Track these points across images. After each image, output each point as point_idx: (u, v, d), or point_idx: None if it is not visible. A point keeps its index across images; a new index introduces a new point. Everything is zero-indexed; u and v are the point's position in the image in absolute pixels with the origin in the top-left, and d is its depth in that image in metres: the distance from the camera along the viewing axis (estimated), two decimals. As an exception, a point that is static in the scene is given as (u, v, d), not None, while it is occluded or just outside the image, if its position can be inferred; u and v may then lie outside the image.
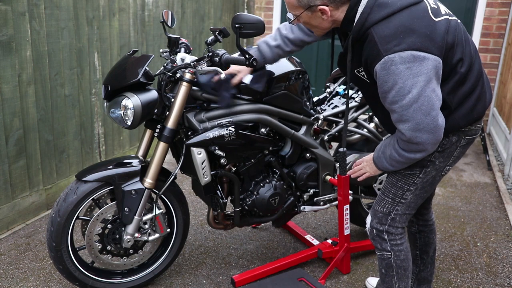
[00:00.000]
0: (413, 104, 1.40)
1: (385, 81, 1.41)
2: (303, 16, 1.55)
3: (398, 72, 1.37)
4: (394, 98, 1.43)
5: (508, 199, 3.33)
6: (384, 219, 1.73)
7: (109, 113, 1.95)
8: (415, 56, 1.36)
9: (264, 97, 2.13)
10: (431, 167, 1.65)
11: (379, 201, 1.75)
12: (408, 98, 1.40)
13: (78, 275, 2.00)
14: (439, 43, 1.41)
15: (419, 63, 1.37)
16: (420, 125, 1.43)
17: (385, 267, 1.78)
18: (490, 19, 4.97)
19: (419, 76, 1.37)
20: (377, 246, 1.78)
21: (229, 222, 2.29)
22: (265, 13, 5.87)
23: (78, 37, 3.04)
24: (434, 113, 1.43)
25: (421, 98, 1.39)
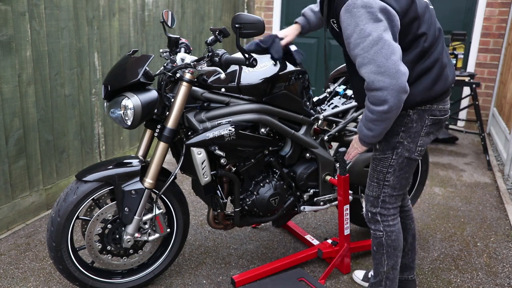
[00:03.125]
0: (374, 46, 1.50)
1: (348, 24, 1.54)
2: None
3: (359, 15, 1.50)
4: (356, 41, 1.53)
5: (508, 199, 3.33)
6: (375, 202, 1.89)
7: (109, 113, 1.95)
8: (379, 5, 1.49)
9: (264, 97, 2.13)
10: (401, 147, 1.78)
11: (368, 187, 1.91)
12: (368, 40, 1.50)
13: (78, 275, 2.00)
14: (402, 4, 1.54)
15: (382, 12, 1.49)
16: (382, 68, 1.51)
17: (376, 245, 1.94)
18: (490, 19, 4.97)
19: (378, 22, 1.49)
20: (371, 227, 1.94)
21: (229, 222, 2.29)
22: (265, 13, 5.87)
23: (78, 37, 3.04)
24: (394, 58, 1.51)
25: (380, 41, 1.50)
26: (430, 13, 1.69)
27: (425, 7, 1.66)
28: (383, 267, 1.95)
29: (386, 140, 1.80)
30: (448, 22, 5.13)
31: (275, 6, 5.82)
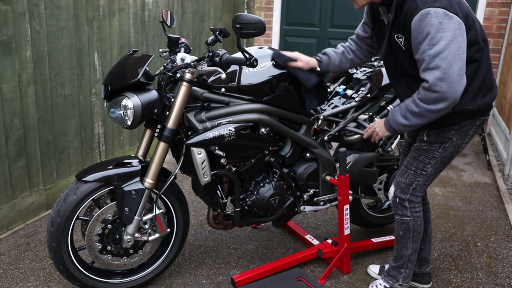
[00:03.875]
0: (440, 54, 1.60)
1: (420, 32, 1.63)
2: None
3: (431, 24, 1.59)
4: (424, 47, 1.63)
5: (508, 199, 3.33)
6: (406, 189, 1.98)
7: (109, 113, 1.95)
8: (446, 13, 1.59)
9: (264, 97, 2.13)
10: (449, 143, 1.88)
11: (402, 173, 2.00)
12: (436, 48, 1.60)
13: (78, 275, 2.00)
14: (463, 12, 1.66)
15: (448, 20, 1.59)
16: (444, 75, 1.61)
17: (403, 230, 2.04)
18: (490, 19, 4.97)
19: (447, 31, 1.59)
20: (398, 212, 2.03)
21: (229, 222, 2.29)
22: (265, 13, 5.87)
23: (78, 37, 3.04)
24: (456, 67, 1.61)
25: (446, 50, 1.59)
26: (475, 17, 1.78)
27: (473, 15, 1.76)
28: (407, 250, 2.06)
29: (436, 134, 1.89)
30: (448, 22, 5.13)
31: (275, 6, 5.82)
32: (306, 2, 5.68)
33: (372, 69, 2.55)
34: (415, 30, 1.64)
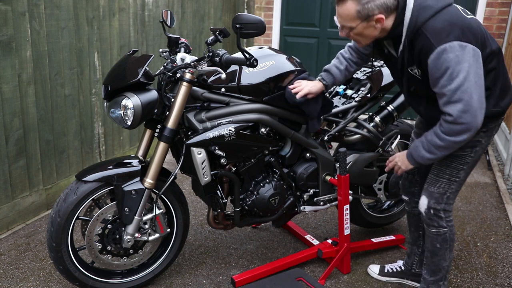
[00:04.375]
0: (460, 87, 1.60)
1: (437, 69, 1.62)
2: (358, 27, 1.71)
3: (449, 60, 1.59)
4: (444, 82, 1.62)
5: (508, 199, 3.33)
6: (440, 198, 1.91)
7: (109, 113, 1.95)
8: (460, 45, 1.59)
9: (264, 97, 2.13)
10: (479, 146, 1.86)
11: (434, 183, 1.92)
12: (456, 82, 1.60)
13: (78, 275, 2.00)
14: (476, 36, 1.64)
15: (463, 51, 1.59)
16: (466, 106, 1.61)
17: (440, 242, 1.96)
18: (490, 19, 4.97)
19: (464, 62, 1.59)
20: (433, 224, 1.94)
21: (229, 222, 2.29)
22: (265, 13, 5.87)
23: (78, 37, 3.04)
24: (477, 96, 1.62)
25: (466, 82, 1.59)
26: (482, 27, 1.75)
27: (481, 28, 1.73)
28: (446, 261, 1.99)
29: None
30: (448, 22, 5.13)
31: (275, 6, 5.82)
32: (306, 2, 5.67)
33: (372, 69, 2.55)
34: (433, 68, 1.63)
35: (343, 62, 2.21)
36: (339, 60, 2.23)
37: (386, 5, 1.65)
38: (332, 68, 2.21)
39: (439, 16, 1.63)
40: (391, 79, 2.45)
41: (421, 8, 1.64)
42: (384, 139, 2.48)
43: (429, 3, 1.65)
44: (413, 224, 2.24)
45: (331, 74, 2.20)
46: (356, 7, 1.65)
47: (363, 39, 1.78)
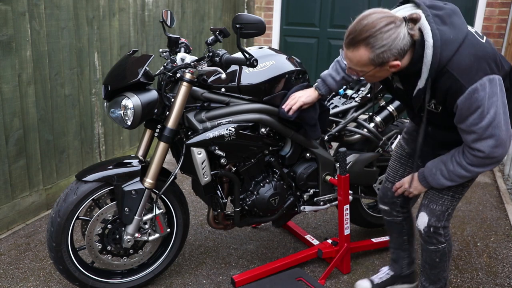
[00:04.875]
0: (492, 123, 1.52)
1: (467, 108, 1.51)
2: (370, 72, 1.57)
3: (480, 98, 1.48)
4: (475, 120, 1.52)
5: (508, 199, 3.33)
6: (442, 216, 1.82)
7: (109, 113, 1.95)
8: (489, 79, 1.49)
9: (264, 97, 2.13)
10: None
11: (437, 200, 1.82)
12: (487, 119, 1.51)
13: (78, 275, 2.00)
14: (497, 62, 1.54)
15: (492, 85, 1.49)
16: (498, 141, 1.55)
17: (440, 256, 1.89)
18: (490, 19, 4.96)
19: (493, 96, 1.50)
20: (432, 242, 1.86)
21: (229, 222, 2.29)
22: (265, 13, 5.87)
23: (78, 37, 3.04)
24: (505, 126, 1.55)
25: (497, 116, 1.52)
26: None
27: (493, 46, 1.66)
28: (445, 272, 1.93)
29: None
30: (448, 22, 5.12)
31: (275, 6, 5.82)
32: (306, 2, 5.67)
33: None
34: (463, 108, 1.52)
35: (340, 72, 2.10)
36: (336, 69, 2.11)
37: (402, 50, 1.49)
38: (327, 78, 2.12)
39: (463, 50, 1.50)
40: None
41: (443, 43, 1.49)
42: (384, 139, 2.48)
43: (448, 36, 1.50)
44: (395, 231, 2.15)
45: (326, 84, 2.12)
46: (370, 55, 1.49)
47: (374, 79, 1.67)
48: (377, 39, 1.46)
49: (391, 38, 1.45)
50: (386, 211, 2.12)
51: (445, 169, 1.71)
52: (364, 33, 1.47)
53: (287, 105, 2.10)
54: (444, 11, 1.53)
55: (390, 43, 1.46)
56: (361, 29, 1.47)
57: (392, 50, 1.47)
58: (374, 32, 1.45)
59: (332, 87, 2.12)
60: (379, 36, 1.45)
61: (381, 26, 1.45)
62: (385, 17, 1.47)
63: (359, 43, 1.48)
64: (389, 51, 1.47)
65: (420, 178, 1.83)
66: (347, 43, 1.53)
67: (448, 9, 1.55)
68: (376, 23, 1.46)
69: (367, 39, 1.46)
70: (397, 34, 1.46)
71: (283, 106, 2.11)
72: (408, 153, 2.04)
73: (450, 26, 1.51)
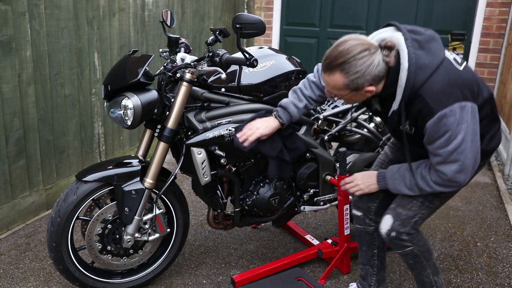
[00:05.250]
0: (458, 149, 1.55)
1: (436, 132, 1.55)
2: (346, 95, 1.61)
3: (448, 124, 1.52)
4: (441, 144, 1.56)
5: (508, 199, 3.33)
6: (407, 221, 1.77)
7: (109, 113, 1.95)
8: (460, 107, 1.52)
9: (264, 97, 2.13)
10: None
11: (405, 204, 1.79)
12: (453, 144, 1.54)
13: (78, 275, 2.00)
14: (472, 90, 1.57)
15: (463, 112, 1.52)
16: (462, 167, 1.58)
17: (412, 258, 1.84)
18: (490, 19, 4.97)
19: (463, 123, 1.53)
20: (397, 246, 1.81)
21: (229, 222, 2.29)
22: (265, 13, 5.87)
23: (78, 37, 3.04)
24: (472, 154, 1.58)
25: (464, 143, 1.54)
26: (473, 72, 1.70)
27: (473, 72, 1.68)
28: (426, 270, 1.86)
29: None
30: (448, 22, 5.13)
31: (275, 6, 5.82)
32: (306, 2, 5.67)
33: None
34: (431, 131, 1.56)
35: (302, 100, 2.03)
36: (297, 96, 2.03)
37: (377, 76, 1.54)
38: (289, 106, 2.01)
39: (436, 76, 1.53)
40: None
41: (417, 68, 1.53)
42: (384, 139, 2.48)
43: (424, 62, 1.53)
44: (365, 243, 2.07)
45: (288, 112, 2.02)
46: (344, 80, 1.54)
47: (352, 102, 1.71)
48: (351, 66, 1.51)
49: (365, 65, 1.51)
50: (358, 217, 2.04)
51: (408, 177, 1.73)
52: (339, 59, 1.52)
53: (243, 135, 1.97)
54: (423, 36, 1.58)
55: (364, 69, 1.51)
56: (336, 55, 1.53)
57: (366, 77, 1.52)
58: (349, 59, 1.51)
59: (294, 115, 2.03)
60: (353, 62, 1.50)
61: (355, 53, 1.50)
62: (360, 44, 1.52)
63: (335, 68, 1.54)
64: (363, 77, 1.52)
65: (379, 177, 1.83)
66: (324, 67, 1.58)
67: (427, 35, 1.59)
68: (351, 50, 1.51)
69: (342, 65, 1.52)
70: (371, 61, 1.51)
71: (238, 135, 1.98)
72: (392, 160, 2.02)
73: (427, 51, 1.55)
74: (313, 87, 2.04)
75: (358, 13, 5.45)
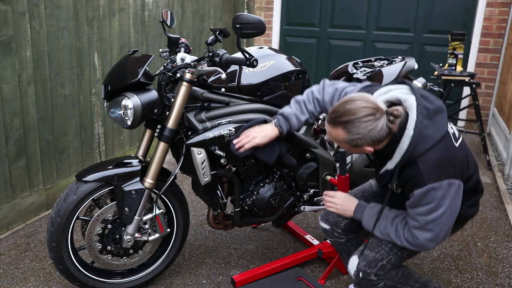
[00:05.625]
0: (436, 220, 1.59)
1: (420, 200, 1.59)
2: (347, 148, 1.65)
3: (435, 197, 1.56)
4: (422, 212, 1.60)
5: (508, 199, 3.33)
6: (373, 263, 1.74)
7: (109, 113, 1.95)
8: (449, 183, 1.57)
9: (264, 97, 2.13)
10: None
11: (373, 247, 1.77)
12: (433, 215, 1.59)
13: (78, 275, 2.00)
14: (462, 168, 1.63)
15: (450, 188, 1.57)
16: (434, 237, 1.62)
17: None
18: (490, 19, 4.97)
19: (447, 198, 1.58)
20: (366, 285, 1.76)
21: (229, 222, 2.29)
22: (265, 13, 5.87)
23: (78, 37, 3.04)
24: (447, 227, 1.63)
25: (443, 216, 1.59)
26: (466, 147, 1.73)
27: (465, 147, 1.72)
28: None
29: None
30: (448, 22, 5.13)
31: (275, 6, 5.82)
32: (306, 2, 5.67)
33: (372, 69, 2.55)
34: (416, 198, 1.59)
35: (304, 113, 1.98)
36: (300, 109, 1.98)
37: (377, 139, 1.56)
38: (292, 117, 1.97)
39: (436, 150, 1.57)
40: (392, 79, 2.44)
41: (421, 137, 1.55)
42: None
43: (428, 133, 1.56)
44: (343, 252, 2.03)
45: (289, 122, 1.98)
46: (345, 137, 1.57)
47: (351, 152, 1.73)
48: (354, 126, 1.54)
49: (367, 129, 1.54)
50: (326, 230, 2.00)
51: (384, 224, 1.75)
52: (344, 117, 1.55)
53: (239, 142, 1.95)
54: (433, 106, 1.61)
55: (365, 133, 1.54)
56: (342, 113, 1.56)
57: (366, 139, 1.55)
58: (353, 120, 1.54)
59: (294, 126, 2.00)
60: (356, 124, 1.53)
61: (360, 116, 1.53)
62: (368, 107, 1.54)
63: (338, 124, 1.57)
64: (363, 139, 1.55)
65: (357, 208, 1.84)
66: (329, 120, 1.61)
67: (436, 105, 1.61)
68: (356, 111, 1.53)
69: (345, 124, 1.55)
70: (374, 126, 1.54)
71: (234, 142, 1.96)
72: (375, 194, 2.00)
73: (433, 122, 1.59)
74: (316, 104, 1.99)
75: (358, 13, 5.45)
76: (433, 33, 5.24)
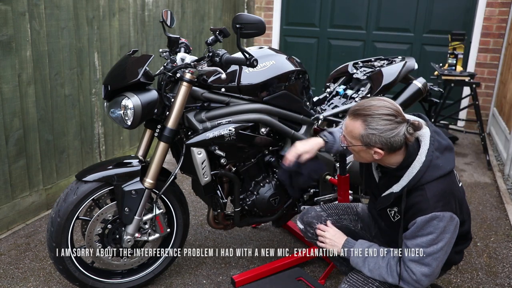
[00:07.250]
0: (434, 254, 1.57)
1: (423, 229, 1.57)
2: (357, 147, 1.63)
3: (437, 227, 1.55)
4: (422, 243, 1.58)
5: (508, 199, 3.33)
6: None
7: (109, 113, 1.95)
8: (451, 217, 1.56)
9: (264, 97, 2.13)
10: None
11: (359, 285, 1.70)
12: (433, 248, 1.57)
13: (78, 275, 2.00)
14: (462, 207, 1.65)
15: (451, 222, 1.57)
16: (430, 272, 1.59)
17: None
18: (490, 19, 4.97)
19: (447, 233, 1.57)
20: None
21: (229, 222, 2.29)
22: (265, 13, 5.87)
23: (78, 37, 3.04)
24: (442, 263, 1.61)
25: (441, 251, 1.58)
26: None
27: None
28: None
29: None
30: (448, 22, 5.13)
31: (275, 6, 5.82)
32: (306, 2, 5.67)
33: (372, 69, 2.55)
34: (418, 226, 1.57)
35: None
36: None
37: (391, 144, 1.55)
38: (336, 132, 1.98)
39: (443, 181, 1.58)
40: (392, 79, 2.44)
41: (432, 165, 1.57)
42: None
43: (439, 163, 1.58)
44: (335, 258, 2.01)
45: (334, 137, 1.97)
46: (361, 131, 1.56)
47: (357, 157, 1.70)
48: (373, 121, 1.55)
49: (385, 128, 1.54)
50: (302, 230, 1.99)
51: (374, 261, 1.68)
52: (367, 111, 1.56)
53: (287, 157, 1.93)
54: (445, 142, 1.64)
55: (382, 130, 1.54)
56: (366, 106, 1.57)
57: (381, 137, 1.55)
58: (374, 114, 1.55)
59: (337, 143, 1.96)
60: (376, 119, 1.54)
61: (382, 113, 1.55)
62: (392, 109, 1.56)
63: (359, 116, 1.58)
64: (378, 136, 1.55)
65: (345, 245, 1.76)
66: (351, 112, 1.61)
67: (447, 143, 1.64)
68: (380, 108, 1.55)
69: (366, 117, 1.56)
70: (392, 127, 1.54)
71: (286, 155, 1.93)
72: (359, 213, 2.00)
73: (443, 156, 1.61)
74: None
75: (358, 13, 5.45)
76: (433, 33, 5.24)
